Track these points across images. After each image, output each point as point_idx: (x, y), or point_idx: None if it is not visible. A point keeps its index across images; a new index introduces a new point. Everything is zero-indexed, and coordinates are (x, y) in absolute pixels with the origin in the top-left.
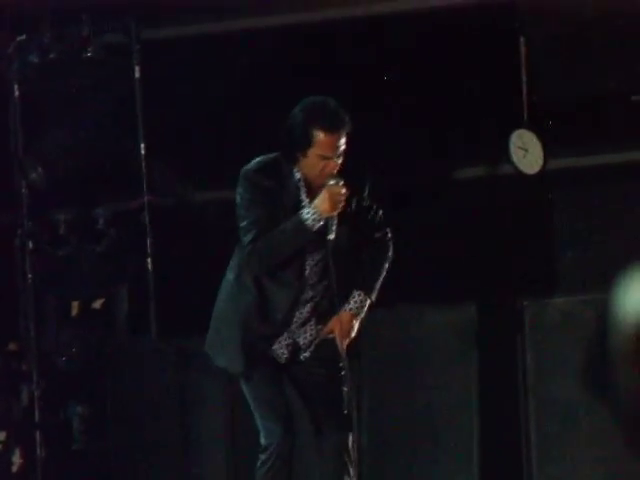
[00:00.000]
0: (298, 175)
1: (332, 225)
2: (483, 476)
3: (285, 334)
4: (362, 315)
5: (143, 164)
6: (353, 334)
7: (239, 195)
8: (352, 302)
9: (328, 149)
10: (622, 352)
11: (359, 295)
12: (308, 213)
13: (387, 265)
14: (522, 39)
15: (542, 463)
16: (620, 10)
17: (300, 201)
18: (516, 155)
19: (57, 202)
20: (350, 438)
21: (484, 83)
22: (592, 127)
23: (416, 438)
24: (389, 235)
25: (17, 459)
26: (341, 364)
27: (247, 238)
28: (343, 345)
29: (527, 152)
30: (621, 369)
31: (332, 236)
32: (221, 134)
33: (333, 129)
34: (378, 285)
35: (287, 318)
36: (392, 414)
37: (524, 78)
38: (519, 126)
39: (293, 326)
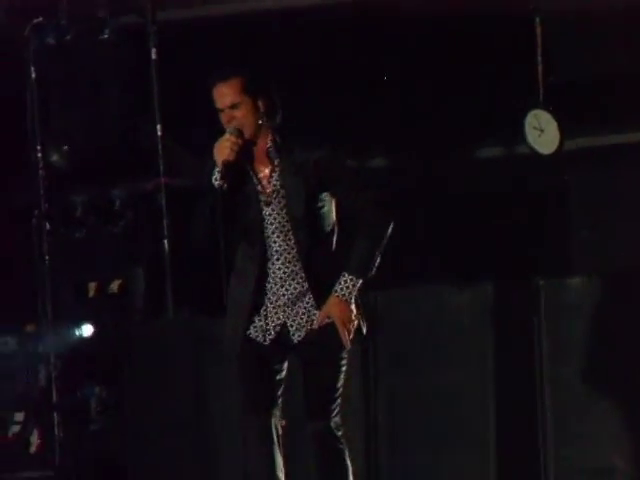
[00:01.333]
0: None
1: (223, 173)
2: (499, 458)
3: (274, 313)
4: (353, 297)
5: (159, 146)
6: (353, 318)
7: None
8: (338, 287)
9: (216, 102)
10: None
11: (344, 276)
12: (214, 172)
13: (380, 243)
14: (537, 19)
15: (558, 444)
16: None
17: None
18: (532, 135)
19: (74, 184)
20: (332, 423)
21: (499, 63)
22: (608, 107)
23: (432, 419)
24: (379, 213)
25: (35, 439)
26: (340, 351)
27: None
28: (345, 331)
29: (543, 132)
30: None
31: (224, 184)
32: None
33: (215, 82)
34: (370, 263)
35: (259, 292)
36: (408, 395)
37: (539, 58)
38: (535, 106)
39: (280, 302)
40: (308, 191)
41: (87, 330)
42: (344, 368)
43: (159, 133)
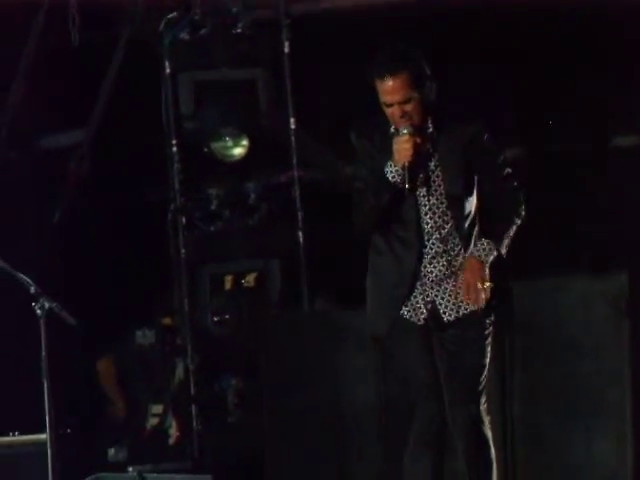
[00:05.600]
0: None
1: (406, 175)
2: (637, 447)
3: (421, 292)
4: (488, 260)
5: (293, 138)
6: (486, 281)
7: None
8: (474, 248)
9: (384, 96)
10: None
11: (482, 242)
12: (388, 166)
13: (518, 220)
14: None
15: None
16: None
17: None
18: None
19: (208, 178)
20: (482, 408)
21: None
22: None
23: (567, 410)
24: (518, 188)
25: (174, 432)
26: (485, 332)
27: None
28: (471, 286)
29: None
30: None
31: (408, 186)
32: (371, 106)
33: (383, 76)
34: (507, 237)
35: (415, 274)
36: (543, 386)
37: None
38: None
39: (427, 281)
40: (464, 168)
41: None
42: (489, 349)
43: (292, 126)
